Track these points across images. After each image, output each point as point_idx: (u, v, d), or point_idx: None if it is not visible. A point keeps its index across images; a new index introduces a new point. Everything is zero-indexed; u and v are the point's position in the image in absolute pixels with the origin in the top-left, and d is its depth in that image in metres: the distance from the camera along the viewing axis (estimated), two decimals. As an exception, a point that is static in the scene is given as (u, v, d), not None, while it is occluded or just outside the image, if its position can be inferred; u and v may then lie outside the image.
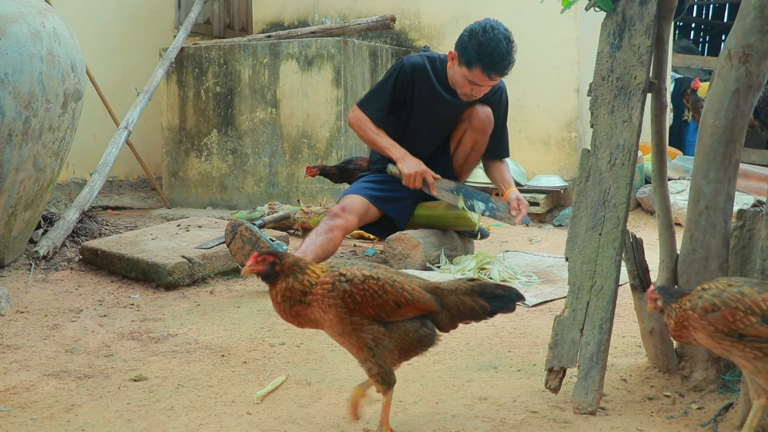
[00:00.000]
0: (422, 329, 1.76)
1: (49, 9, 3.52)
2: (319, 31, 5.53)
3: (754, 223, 1.95)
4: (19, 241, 3.55)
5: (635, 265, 2.14)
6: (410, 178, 3.70)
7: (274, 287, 1.72)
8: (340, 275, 1.71)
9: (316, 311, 1.70)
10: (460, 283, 1.82)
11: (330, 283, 1.70)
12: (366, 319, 1.71)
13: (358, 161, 4.34)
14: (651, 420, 1.91)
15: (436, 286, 1.80)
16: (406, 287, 1.74)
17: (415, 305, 1.74)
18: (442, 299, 1.78)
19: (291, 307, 1.71)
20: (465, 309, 1.79)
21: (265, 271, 1.71)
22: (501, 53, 3.56)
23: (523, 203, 3.78)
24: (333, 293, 1.70)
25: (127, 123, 4.92)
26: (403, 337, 1.74)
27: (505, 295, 1.82)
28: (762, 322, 1.63)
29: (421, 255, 3.67)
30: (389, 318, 1.73)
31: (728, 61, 1.93)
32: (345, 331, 1.72)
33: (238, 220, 3.28)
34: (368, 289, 1.71)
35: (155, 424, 1.93)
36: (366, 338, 1.72)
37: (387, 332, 1.73)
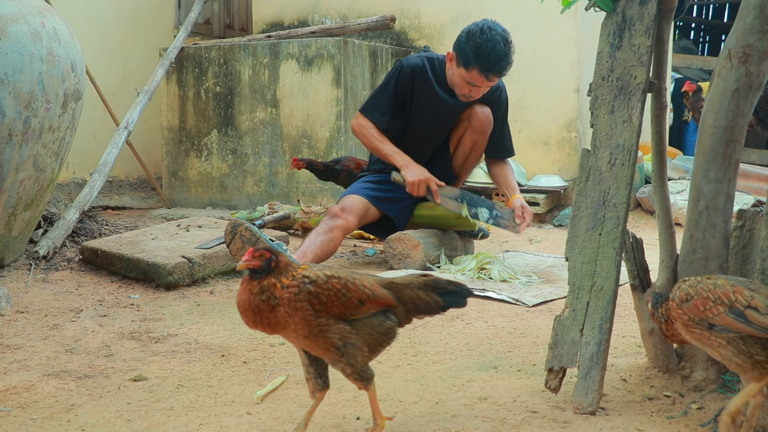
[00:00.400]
0: (386, 322, 1.77)
1: (49, 9, 3.52)
2: (319, 31, 5.53)
3: (754, 223, 1.95)
4: (19, 241, 3.55)
5: (635, 265, 2.14)
6: (414, 185, 3.70)
7: (260, 282, 1.68)
8: (304, 277, 1.70)
9: (281, 315, 1.67)
10: (413, 278, 1.83)
11: (295, 286, 1.68)
12: (332, 319, 1.70)
13: (345, 162, 4.33)
14: (651, 420, 1.91)
15: (390, 281, 1.81)
16: (365, 284, 1.75)
17: (376, 301, 1.75)
18: (398, 294, 1.79)
19: (261, 302, 1.67)
20: (420, 303, 1.81)
21: (261, 266, 1.68)
22: (498, 54, 3.56)
23: (527, 211, 3.77)
24: (299, 296, 1.68)
25: (127, 123, 4.92)
26: (370, 333, 1.74)
27: (456, 291, 1.84)
28: (729, 312, 1.67)
29: (421, 255, 3.67)
30: (353, 316, 1.73)
31: (728, 61, 1.93)
32: (311, 334, 1.70)
33: (238, 221, 3.28)
34: (332, 288, 1.71)
35: (155, 424, 1.93)
36: (333, 338, 1.70)
37: (353, 330, 1.72)
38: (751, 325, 1.65)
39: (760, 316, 1.64)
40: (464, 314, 2.94)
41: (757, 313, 1.65)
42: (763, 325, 1.64)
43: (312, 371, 1.78)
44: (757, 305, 1.65)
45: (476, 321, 2.86)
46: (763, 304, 1.65)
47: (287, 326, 1.69)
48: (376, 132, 3.78)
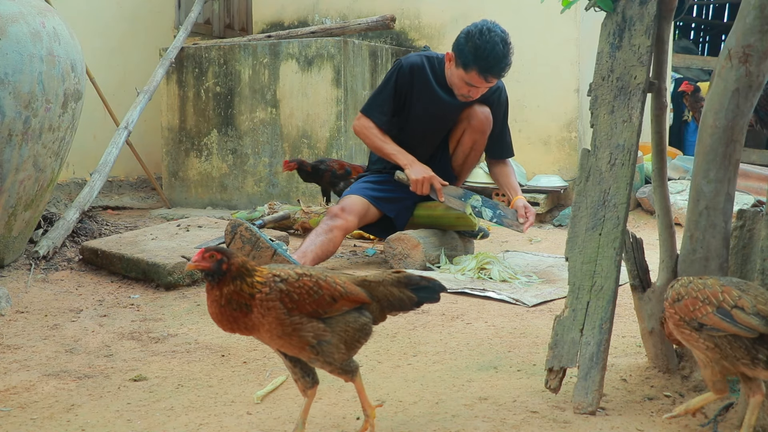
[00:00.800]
0: (361, 318, 1.76)
1: (49, 9, 3.52)
2: (319, 31, 5.53)
3: (754, 223, 1.95)
4: (19, 241, 3.55)
5: (635, 265, 2.14)
6: (418, 184, 3.70)
7: (218, 288, 1.65)
8: (274, 276, 1.68)
9: (256, 316, 1.66)
10: (386, 275, 1.82)
11: (266, 286, 1.67)
12: (305, 317, 1.69)
13: (329, 162, 4.37)
14: (651, 420, 1.91)
15: (363, 278, 1.80)
16: (338, 281, 1.74)
17: (349, 298, 1.74)
18: (371, 291, 1.78)
19: (232, 311, 1.65)
20: (393, 300, 1.80)
21: (211, 268, 1.64)
22: (497, 56, 3.56)
23: (530, 211, 3.78)
24: (271, 295, 1.66)
25: (127, 123, 4.92)
26: (345, 329, 1.73)
27: (429, 286, 1.83)
28: (716, 312, 1.68)
29: (421, 255, 3.67)
30: (327, 314, 1.71)
31: (728, 61, 1.93)
32: (285, 333, 1.68)
33: (238, 220, 3.28)
34: (304, 286, 1.69)
35: (155, 424, 1.93)
36: (307, 337, 1.69)
37: (327, 328, 1.71)
38: (736, 325, 1.66)
39: (746, 315, 1.65)
40: (464, 314, 2.94)
41: (743, 312, 1.66)
42: (748, 325, 1.65)
43: (298, 371, 1.78)
44: (743, 305, 1.66)
45: (476, 321, 2.86)
46: (750, 304, 1.66)
47: (261, 327, 1.67)
48: (377, 132, 3.79)
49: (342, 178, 4.37)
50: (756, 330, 1.64)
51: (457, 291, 3.27)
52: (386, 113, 3.80)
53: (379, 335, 2.67)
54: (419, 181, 3.69)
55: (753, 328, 1.64)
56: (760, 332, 1.64)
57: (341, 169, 4.32)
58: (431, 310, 2.98)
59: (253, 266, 1.69)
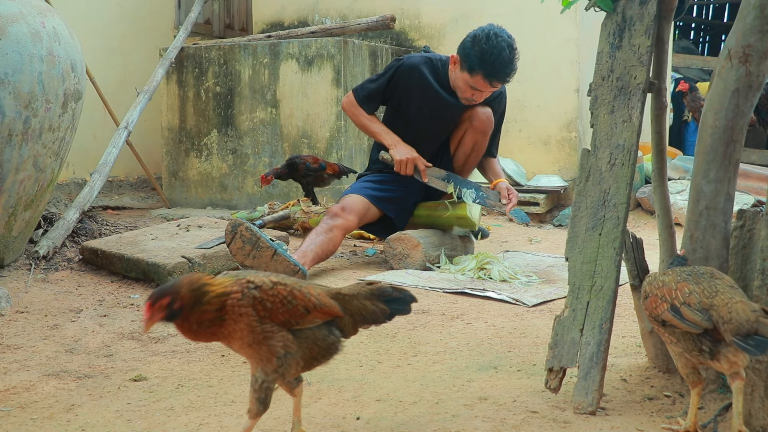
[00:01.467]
0: (330, 337, 1.72)
1: (49, 9, 3.52)
2: (319, 31, 5.53)
3: (754, 223, 1.95)
4: (19, 241, 3.55)
5: (635, 265, 2.14)
6: (402, 164, 3.72)
7: (185, 322, 1.59)
8: (248, 282, 1.64)
9: (229, 324, 1.62)
10: (360, 287, 1.79)
11: (239, 292, 1.62)
12: (276, 327, 1.64)
13: (304, 157, 4.39)
14: (651, 420, 1.91)
15: (337, 291, 1.77)
16: (312, 292, 1.70)
17: (323, 310, 1.70)
18: (345, 304, 1.75)
19: (207, 329, 1.61)
20: (366, 313, 1.76)
21: (167, 316, 1.57)
22: (503, 61, 3.56)
23: (513, 192, 3.81)
24: (243, 301, 1.62)
25: (127, 123, 4.92)
26: (312, 347, 1.69)
27: (401, 298, 1.79)
28: (670, 309, 1.73)
29: (421, 255, 3.67)
30: (298, 325, 1.67)
31: (728, 61, 1.93)
32: (255, 341, 1.64)
33: (238, 220, 3.28)
34: (278, 294, 1.65)
35: (155, 424, 1.93)
36: (276, 347, 1.65)
37: (296, 340, 1.67)
38: (684, 322, 1.70)
39: (691, 312, 1.69)
40: (464, 314, 2.94)
41: (689, 309, 1.70)
42: (692, 321, 1.69)
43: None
44: (691, 301, 1.70)
45: (476, 321, 2.86)
46: (697, 300, 1.70)
47: (234, 334, 1.63)
48: (364, 111, 3.85)
49: (315, 171, 4.38)
50: (699, 326, 1.68)
51: (457, 291, 3.27)
52: (373, 101, 3.86)
53: (379, 335, 2.67)
54: (403, 161, 3.72)
55: (697, 324, 1.69)
56: (703, 327, 1.68)
57: (315, 163, 4.36)
58: (431, 310, 2.98)
59: (204, 283, 1.61)
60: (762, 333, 1.59)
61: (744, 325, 1.61)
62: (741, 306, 1.64)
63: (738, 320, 1.62)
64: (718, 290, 1.70)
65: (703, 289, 1.71)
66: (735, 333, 1.62)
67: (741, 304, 1.65)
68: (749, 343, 1.60)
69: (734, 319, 1.63)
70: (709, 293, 1.70)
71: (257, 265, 3.23)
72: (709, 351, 1.70)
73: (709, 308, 1.68)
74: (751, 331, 1.60)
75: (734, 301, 1.66)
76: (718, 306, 1.66)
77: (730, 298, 1.67)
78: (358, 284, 1.81)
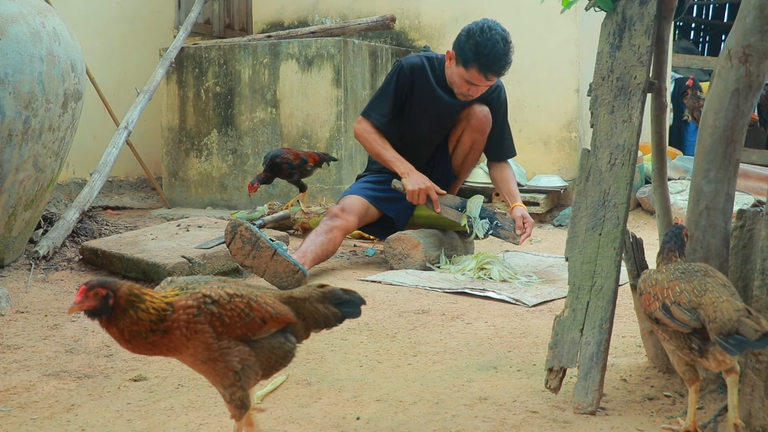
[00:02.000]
0: (286, 344, 1.66)
1: (49, 9, 3.52)
2: (319, 31, 5.53)
3: (754, 223, 1.95)
4: (19, 241, 3.55)
5: (635, 265, 2.14)
6: (414, 194, 3.70)
7: (113, 324, 1.50)
8: (204, 297, 1.56)
9: (178, 339, 1.53)
10: (311, 290, 1.74)
11: (195, 307, 1.54)
12: (233, 341, 1.58)
13: (283, 155, 4.33)
14: (651, 420, 1.91)
15: (290, 295, 1.71)
16: (267, 301, 1.64)
17: (278, 319, 1.64)
18: (297, 309, 1.70)
19: (145, 340, 1.52)
20: (319, 317, 1.72)
21: (97, 306, 1.49)
22: (498, 54, 3.56)
23: (528, 221, 3.76)
24: (200, 317, 1.54)
25: (127, 123, 4.92)
26: (269, 356, 1.64)
27: (351, 300, 1.75)
28: (661, 308, 1.74)
29: (421, 255, 3.67)
30: (254, 337, 1.61)
31: (728, 61, 1.93)
32: (211, 358, 1.57)
33: (238, 220, 3.28)
34: (236, 308, 1.58)
35: (155, 424, 1.93)
36: (233, 362, 1.58)
37: (252, 352, 1.61)
38: (674, 321, 1.71)
39: (681, 312, 1.70)
40: (464, 314, 2.94)
41: (679, 308, 1.71)
42: (681, 320, 1.70)
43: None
44: (681, 300, 1.71)
45: (476, 321, 2.86)
46: (686, 299, 1.71)
47: (185, 350, 1.55)
48: (378, 137, 3.78)
49: (299, 167, 4.36)
50: (687, 325, 1.70)
51: (457, 291, 3.27)
52: (386, 115, 3.79)
53: (379, 335, 2.67)
54: (416, 192, 3.68)
55: (685, 324, 1.70)
56: (692, 327, 1.70)
57: (297, 159, 4.32)
58: (431, 310, 2.98)
59: (144, 293, 1.53)
60: (742, 332, 1.61)
61: (727, 324, 1.63)
62: (726, 305, 1.65)
63: (722, 319, 1.64)
64: (707, 289, 1.71)
65: (693, 288, 1.72)
66: (718, 332, 1.64)
67: (727, 303, 1.66)
68: (730, 342, 1.61)
69: (718, 318, 1.64)
70: (698, 292, 1.71)
71: (257, 265, 3.23)
72: (699, 349, 1.71)
73: (698, 307, 1.69)
74: (732, 330, 1.62)
75: (721, 300, 1.67)
76: (706, 305, 1.68)
77: (717, 297, 1.68)
78: (309, 287, 1.76)
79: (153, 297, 1.53)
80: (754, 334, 1.59)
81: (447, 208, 3.76)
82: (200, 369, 1.61)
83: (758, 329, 1.59)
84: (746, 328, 1.60)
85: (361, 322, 2.81)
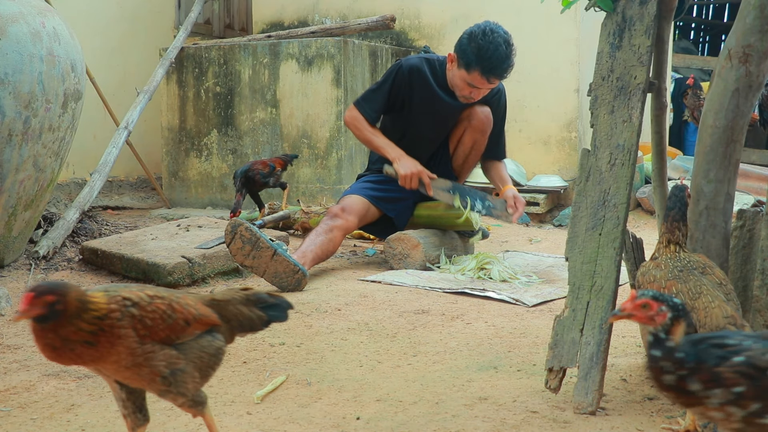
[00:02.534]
0: (215, 341, 1.61)
1: (49, 9, 3.52)
2: (319, 31, 5.53)
3: (754, 223, 1.95)
4: (19, 241, 3.55)
5: (635, 265, 2.14)
6: (406, 178, 3.71)
7: (51, 331, 1.42)
8: (125, 299, 1.49)
9: (103, 347, 1.45)
10: (235, 293, 1.69)
11: (117, 311, 1.47)
12: (157, 345, 1.52)
13: (252, 167, 4.31)
14: (651, 420, 1.91)
15: (212, 298, 1.66)
16: (190, 302, 1.59)
17: (202, 320, 1.59)
18: (221, 311, 1.64)
19: (72, 350, 1.44)
20: (243, 320, 1.67)
21: (44, 314, 1.41)
22: (500, 57, 3.56)
23: (519, 201, 3.79)
24: (122, 322, 1.47)
25: (127, 123, 4.92)
26: (200, 356, 1.58)
27: (278, 304, 1.70)
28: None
29: (421, 255, 3.67)
30: (179, 339, 1.55)
31: (728, 61, 1.93)
32: (135, 363, 1.49)
33: (237, 220, 3.28)
34: (157, 310, 1.52)
35: (155, 424, 1.93)
36: (159, 366, 1.51)
37: (180, 355, 1.55)
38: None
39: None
40: (464, 314, 2.94)
41: None
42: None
43: (129, 405, 1.60)
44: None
45: (476, 321, 2.86)
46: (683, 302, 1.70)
47: (108, 357, 1.47)
48: (368, 124, 3.82)
49: (270, 174, 4.38)
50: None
51: (457, 291, 3.27)
52: (377, 110, 3.83)
53: (379, 335, 2.67)
54: (407, 176, 3.70)
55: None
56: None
57: (266, 167, 4.35)
58: (431, 310, 2.98)
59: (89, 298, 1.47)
60: None
61: (713, 330, 1.63)
62: (717, 311, 1.66)
63: (710, 325, 1.65)
64: (702, 291, 1.71)
65: (689, 289, 1.72)
66: None
67: (717, 309, 1.66)
68: None
69: (708, 324, 1.65)
70: (693, 294, 1.71)
71: (257, 265, 3.23)
72: None
73: (691, 310, 1.69)
74: None
75: (713, 305, 1.67)
76: (698, 309, 1.68)
77: (710, 302, 1.68)
78: (231, 289, 1.71)
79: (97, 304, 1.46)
80: None
81: (439, 191, 3.78)
82: (124, 376, 1.53)
83: None
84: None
85: (361, 322, 2.81)
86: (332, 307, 3.00)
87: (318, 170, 5.21)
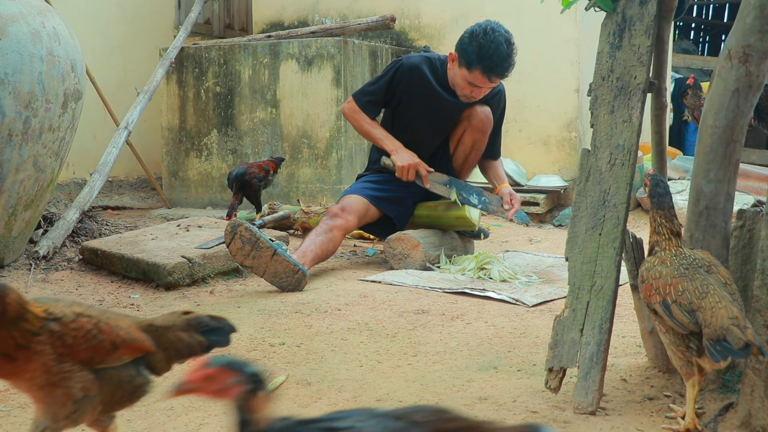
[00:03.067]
0: (137, 378, 1.52)
1: (49, 9, 3.52)
2: (319, 31, 5.53)
3: (754, 223, 1.95)
4: (19, 241, 3.55)
5: (635, 265, 2.14)
6: (403, 170, 3.72)
7: None
8: (46, 313, 1.41)
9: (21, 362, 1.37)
10: (175, 318, 1.60)
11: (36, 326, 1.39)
12: (77, 366, 1.42)
13: (249, 170, 4.31)
14: (651, 420, 1.91)
15: (150, 323, 1.57)
16: (121, 325, 1.50)
17: (133, 345, 1.50)
18: (158, 338, 1.55)
19: None
20: (182, 347, 1.57)
21: None
22: (501, 56, 3.57)
23: (515, 198, 3.81)
24: (41, 337, 1.38)
25: (127, 123, 4.92)
26: (116, 389, 1.48)
27: (219, 327, 1.61)
28: (661, 303, 1.76)
29: (421, 255, 3.67)
30: (102, 363, 1.46)
31: (728, 61, 1.93)
32: (49, 383, 1.40)
33: (237, 220, 3.28)
34: (81, 328, 1.43)
35: (155, 424, 1.93)
36: (74, 389, 1.41)
37: (97, 381, 1.45)
38: (672, 320, 1.73)
39: (680, 312, 1.72)
40: (464, 314, 2.94)
41: (679, 309, 1.72)
42: (680, 322, 1.72)
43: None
44: (682, 301, 1.73)
45: (476, 321, 2.86)
46: (687, 301, 1.72)
47: (23, 374, 1.39)
48: (366, 116, 3.83)
49: (266, 177, 4.39)
50: (686, 327, 1.71)
51: (457, 291, 3.27)
52: (375, 102, 3.86)
53: (379, 335, 2.67)
54: (405, 167, 3.72)
55: (684, 326, 1.72)
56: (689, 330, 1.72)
57: (261, 170, 4.35)
58: (431, 310, 2.98)
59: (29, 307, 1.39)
60: (728, 340, 1.63)
61: (718, 330, 1.65)
62: (723, 312, 1.67)
63: (715, 326, 1.66)
64: (708, 291, 1.71)
65: (695, 288, 1.73)
66: (710, 337, 1.66)
67: (723, 310, 1.67)
68: (717, 349, 1.64)
69: (713, 324, 1.66)
70: (699, 293, 1.72)
71: (257, 265, 3.23)
72: (696, 348, 1.73)
73: (697, 310, 1.70)
74: (721, 337, 1.64)
75: (719, 306, 1.68)
76: (704, 309, 1.69)
77: (717, 302, 1.69)
78: (172, 314, 1.62)
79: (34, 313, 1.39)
80: (738, 343, 1.61)
81: (436, 184, 3.80)
82: (36, 396, 1.43)
83: (741, 338, 1.61)
84: (732, 337, 1.62)
85: (361, 322, 2.81)
86: (332, 307, 3.00)
87: (318, 170, 5.21)
